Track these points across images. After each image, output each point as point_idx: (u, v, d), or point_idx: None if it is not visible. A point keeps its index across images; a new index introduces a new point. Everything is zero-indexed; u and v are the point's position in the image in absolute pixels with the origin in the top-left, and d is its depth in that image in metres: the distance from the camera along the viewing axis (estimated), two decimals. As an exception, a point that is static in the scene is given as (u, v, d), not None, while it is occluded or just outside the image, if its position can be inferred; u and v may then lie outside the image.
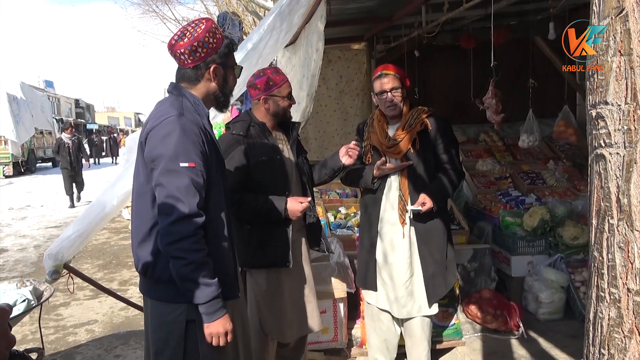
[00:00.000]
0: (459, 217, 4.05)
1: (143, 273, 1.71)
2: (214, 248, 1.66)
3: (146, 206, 1.66)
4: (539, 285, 3.70)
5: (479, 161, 5.20)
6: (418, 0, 4.02)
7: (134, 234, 1.72)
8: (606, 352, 0.96)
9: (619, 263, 0.95)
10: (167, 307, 1.66)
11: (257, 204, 2.23)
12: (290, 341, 2.46)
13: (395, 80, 2.53)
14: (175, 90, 1.74)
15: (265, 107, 2.33)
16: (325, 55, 3.47)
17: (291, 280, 2.39)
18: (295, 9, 3.01)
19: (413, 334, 2.67)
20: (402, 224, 2.56)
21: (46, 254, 2.44)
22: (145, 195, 1.66)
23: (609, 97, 0.98)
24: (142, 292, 1.79)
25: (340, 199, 4.67)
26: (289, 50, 4.68)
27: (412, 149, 2.54)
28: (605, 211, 0.99)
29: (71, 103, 40.58)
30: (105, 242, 6.94)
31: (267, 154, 2.29)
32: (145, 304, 1.79)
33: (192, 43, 1.66)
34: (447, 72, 5.79)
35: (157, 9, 15.31)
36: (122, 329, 3.88)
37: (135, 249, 1.71)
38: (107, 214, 2.58)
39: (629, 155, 0.95)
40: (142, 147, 1.68)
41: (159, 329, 1.69)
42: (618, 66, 0.96)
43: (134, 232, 1.72)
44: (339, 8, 3.94)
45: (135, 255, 1.71)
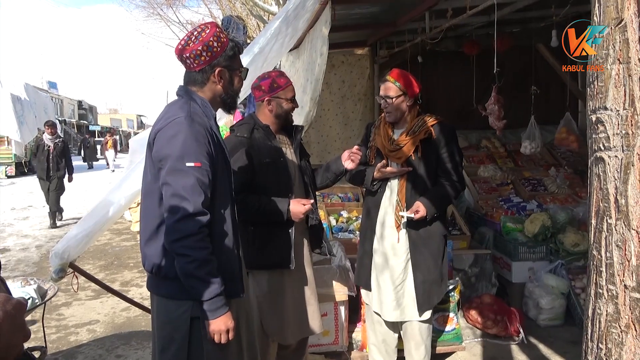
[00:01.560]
0: (460, 223, 4.07)
1: (150, 270, 1.74)
2: (219, 246, 1.69)
3: (153, 205, 1.70)
4: (540, 291, 3.71)
5: (481, 167, 5.23)
6: (422, 7, 4.06)
7: (141, 232, 1.76)
8: (604, 347, 1.00)
9: (617, 261, 0.99)
10: (173, 304, 1.69)
11: (260, 205, 2.26)
12: (291, 343, 2.48)
13: (393, 88, 2.57)
14: (183, 92, 1.79)
15: (269, 108, 2.36)
16: (329, 60, 3.51)
17: (293, 282, 2.41)
18: (301, 14, 3.05)
19: (411, 338, 2.69)
20: (398, 229, 2.59)
21: (52, 253, 2.46)
22: (153, 194, 1.70)
23: (608, 103, 1.03)
24: (149, 289, 1.82)
25: (342, 202, 4.69)
26: (292, 54, 4.72)
27: (414, 156, 2.56)
28: (604, 211, 1.03)
29: (74, 104, 40.77)
30: (107, 243, 6.96)
31: (270, 156, 2.32)
32: (152, 301, 1.83)
33: (197, 47, 1.70)
34: (450, 78, 5.83)
35: (162, 12, 15.41)
36: (123, 329, 3.89)
37: (142, 247, 1.75)
38: (114, 214, 2.60)
39: (626, 158, 0.99)
40: (150, 147, 1.72)
41: (164, 326, 1.72)
42: (617, 73, 1.00)
43: (141, 230, 1.76)
44: (343, 13, 3.98)
45: (143, 253, 1.75)
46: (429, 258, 2.58)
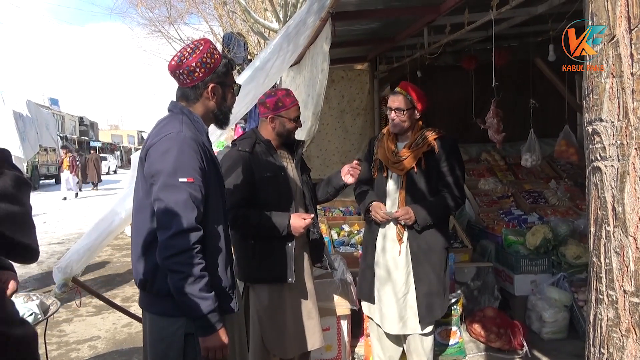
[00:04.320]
0: (461, 236, 4.08)
1: (142, 287, 1.73)
2: (212, 262, 1.68)
3: (145, 221, 1.69)
4: (543, 304, 3.70)
5: (481, 180, 5.25)
6: (420, 23, 4.12)
7: (133, 248, 1.74)
8: (605, 352, 1.02)
9: (616, 267, 1.02)
10: (166, 320, 1.68)
11: (261, 219, 2.27)
12: (292, 357, 2.47)
13: (404, 101, 2.59)
14: (175, 108, 1.79)
15: (272, 125, 2.39)
16: (329, 75, 3.56)
17: (293, 296, 2.41)
18: (302, 31, 3.11)
19: (414, 351, 2.68)
20: (399, 242, 2.60)
21: (55, 268, 2.47)
22: (145, 209, 1.69)
23: (603, 114, 1.06)
24: (141, 307, 1.80)
25: (344, 216, 4.70)
26: (293, 70, 4.78)
27: (416, 168, 2.59)
28: (602, 219, 1.06)
29: (75, 121, 40.99)
30: (108, 258, 6.95)
31: (271, 171, 2.34)
32: (144, 318, 1.80)
33: (191, 64, 1.71)
34: (449, 92, 5.88)
35: (163, 29, 15.60)
36: (124, 346, 3.87)
37: (134, 263, 1.73)
38: (115, 228, 2.62)
39: (622, 167, 1.03)
40: (142, 163, 1.72)
41: (158, 343, 1.70)
42: (611, 87, 1.05)
43: (133, 246, 1.74)
44: (343, 29, 4.05)
45: (135, 269, 1.74)
46: (431, 271, 2.59)
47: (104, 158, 34.24)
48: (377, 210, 2.62)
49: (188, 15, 13.47)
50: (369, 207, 2.66)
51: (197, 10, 12.46)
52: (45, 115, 15.68)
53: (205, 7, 12.70)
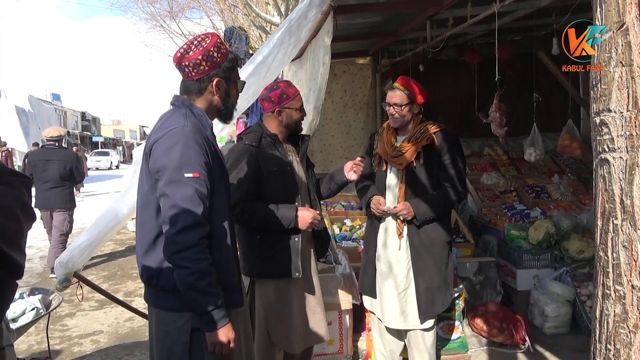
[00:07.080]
0: (464, 231, 4.06)
1: (148, 282, 1.72)
2: (218, 257, 1.67)
3: (150, 216, 1.68)
4: (545, 299, 3.69)
5: (484, 175, 5.23)
6: (423, 16, 4.09)
7: (138, 244, 1.74)
8: (612, 348, 0.99)
9: (624, 261, 0.99)
10: (172, 315, 1.67)
11: (268, 212, 2.26)
12: (298, 352, 2.47)
13: (402, 96, 2.58)
14: (178, 102, 1.77)
15: (280, 119, 2.38)
16: (331, 70, 3.53)
17: (299, 291, 2.40)
18: (303, 24, 3.08)
19: (415, 346, 2.68)
20: (400, 236, 2.59)
21: (57, 262, 2.47)
22: (150, 205, 1.68)
23: (612, 105, 1.03)
24: (147, 302, 1.80)
25: (346, 211, 4.69)
26: (295, 64, 4.76)
27: (416, 162, 2.58)
28: (609, 212, 1.03)
29: (77, 116, 41.03)
30: (110, 253, 6.96)
31: (278, 165, 2.33)
32: (150, 313, 1.80)
33: (197, 57, 1.69)
34: (452, 86, 5.85)
35: (165, 24, 15.55)
36: (127, 340, 3.88)
37: (140, 259, 1.73)
38: (117, 223, 2.61)
39: (631, 159, 1.00)
40: (146, 158, 1.71)
41: (164, 338, 1.70)
42: (620, 76, 1.01)
43: (138, 241, 1.74)
44: (345, 23, 4.01)
45: (140, 265, 1.73)
46: (432, 265, 2.58)
47: (105, 153, 34.34)
48: (376, 204, 2.61)
49: (189, 10, 13.43)
50: (370, 202, 2.65)
51: (198, 4, 12.41)
52: (47, 110, 15.66)
53: (206, 1, 12.66)
